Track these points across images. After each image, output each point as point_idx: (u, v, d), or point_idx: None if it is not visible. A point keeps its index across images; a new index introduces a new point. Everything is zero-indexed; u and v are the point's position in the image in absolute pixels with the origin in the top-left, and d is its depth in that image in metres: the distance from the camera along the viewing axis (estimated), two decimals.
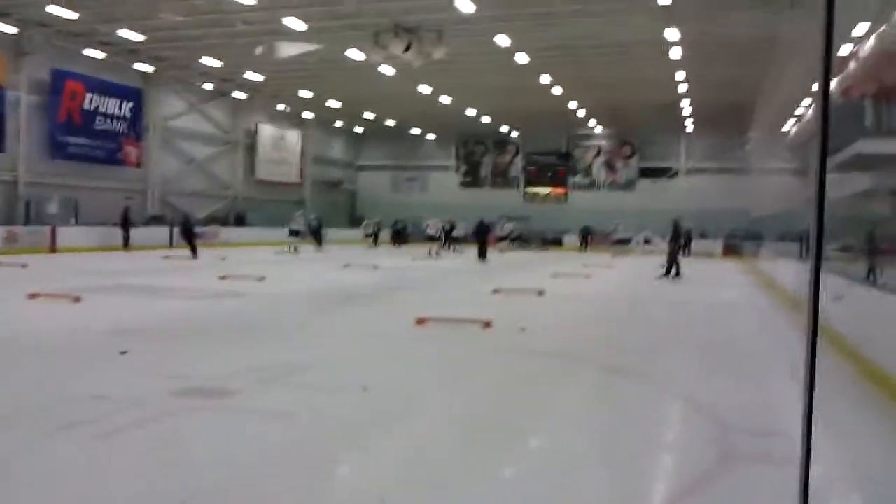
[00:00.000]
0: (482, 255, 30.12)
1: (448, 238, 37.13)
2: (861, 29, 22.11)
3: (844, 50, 24.53)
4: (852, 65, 24.62)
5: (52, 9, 24.01)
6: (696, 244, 41.24)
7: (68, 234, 27.46)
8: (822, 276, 2.88)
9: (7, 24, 26.08)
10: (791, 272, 15.91)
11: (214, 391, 6.81)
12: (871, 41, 22.06)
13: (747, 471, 5.24)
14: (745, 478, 5.09)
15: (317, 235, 36.18)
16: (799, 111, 35.74)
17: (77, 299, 12.66)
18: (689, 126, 44.59)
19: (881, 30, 20.85)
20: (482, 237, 30.90)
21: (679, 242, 23.55)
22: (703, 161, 46.17)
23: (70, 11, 24.28)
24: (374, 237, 41.31)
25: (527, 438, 5.93)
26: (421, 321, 11.11)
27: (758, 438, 5.97)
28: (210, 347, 9.21)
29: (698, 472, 5.12)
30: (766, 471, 5.28)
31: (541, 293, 16.09)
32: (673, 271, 22.17)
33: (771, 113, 32.85)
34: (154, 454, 5.13)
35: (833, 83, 25.87)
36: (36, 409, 6.07)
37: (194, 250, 25.89)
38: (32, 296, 12.94)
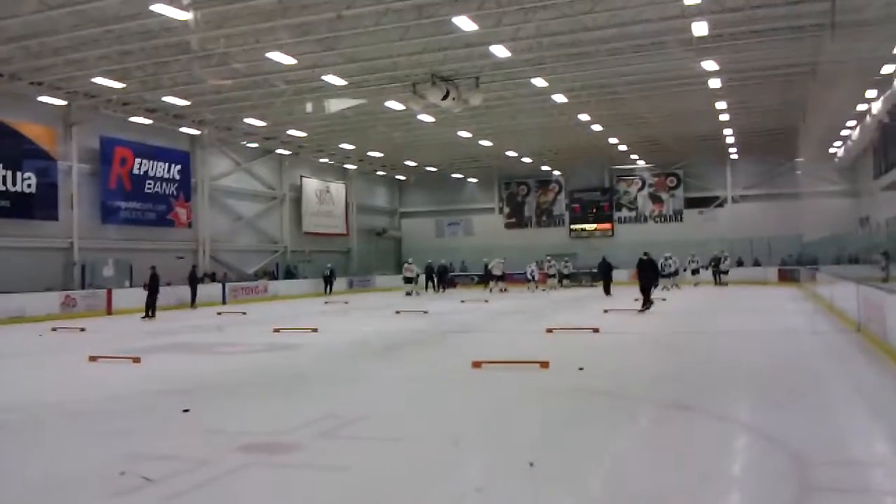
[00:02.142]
0: (608, 290, 31.67)
1: (569, 276, 40.54)
2: None
3: (887, 69, 24.26)
4: None
5: (99, 80, 24.80)
6: (750, 271, 40.73)
7: (124, 296, 27.96)
8: None
9: (56, 97, 26.96)
10: (852, 296, 15.54)
11: (277, 446, 6.83)
12: None
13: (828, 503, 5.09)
14: None
15: (328, 283, 39.26)
16: (845, 132, 35.31)
17: (136, 360, 12.85)
18: (734, 154, 44.17)
19: None
20: (607, 275, 32.61)
21: (651, 275, 22.37)
22: (751, 188, 45.60)
23: (116, 81, 25.05)
24: (418, 281, 39.23)
25: (591, 481, 5.82)
26: (477, 364, 11.05)
27: (835, 468, 5.79)
28: (270, 402, 9.24)
29: None
30: (847, 501, 5.12)
31: (596, 330, 15.92)
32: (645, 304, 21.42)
33: (816, 136, 32.45)
34: None
35: (879, 103, 25.58)
36: (101, 473, 6.12)
37: (151, 308, 24.49)
38: (93, 358, 13.18)
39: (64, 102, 27.60)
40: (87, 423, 8.29)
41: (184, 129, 32.97)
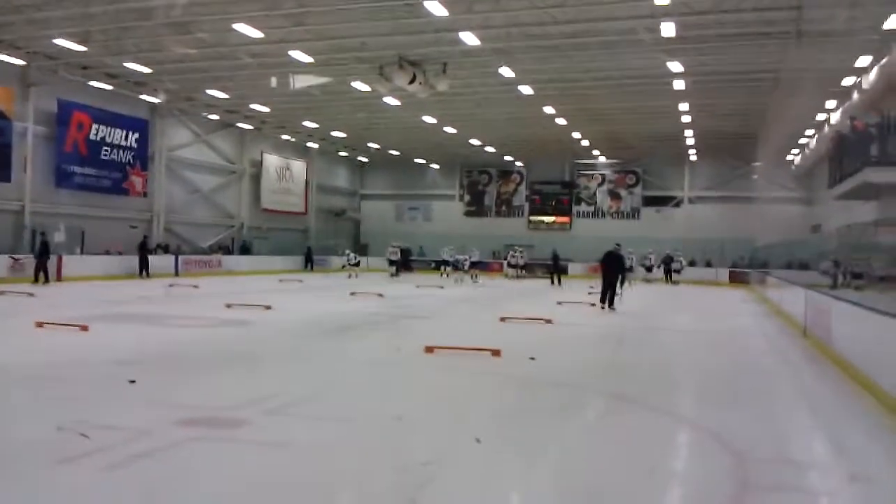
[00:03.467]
0: (558, 281, 33.21)
1: (524, 267, 40.87)
2: (864, 61, 22.29)
3: (847, 81, 24.71)
4: (856, 95, 24.75)
5: (60, 41, 24.22)
6: (701, 272, 41.39)
7: (74, 263, 27.48)
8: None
9: (15, 56, 26.30)
10: (799, 300, 15.84)
11: (222, 422, 6.77)
12: (875, 73, 22.22)
13: (766, 501, 5.18)
14: None
15: (309, 260, 41.07)
16: (803, 141, 35.92)
17: (84, 328, 12.62)
18: (693, 155, 44.70)
19: (884, 62, 21.00)
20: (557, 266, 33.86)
21: (616, 270, 20.34)
22: (708, 190, 46.24)
23: (77, 44, 24.49)
24: (395, 266, 39.18)
25: (535, 469, 5.86)
26: (429, 349, 11.07)
27: (774, 467, 5.91)
28: (218, 377, 9.16)
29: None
30: (785, 500, 5.23)
31: (548, 321, 16.03)
32: (607, 301, 19.80)
33: (775, 142, 32.95)
34: (161, 486, 5.08)
35: (837, 114, 26.08)
36: (42, 441, 6.02)
37: (45, 276, 24.89)
38: (39, 324, 12.92)
39: (23, 62, 26.97)
40: (29, 389, 8.15)
41: (144, 97, 32.38)
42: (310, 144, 46.65)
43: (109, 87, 30.42)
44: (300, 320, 15.99)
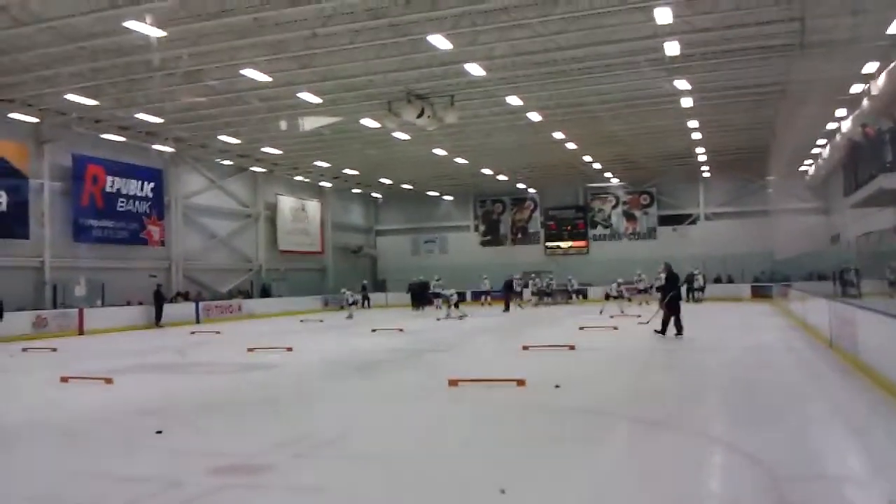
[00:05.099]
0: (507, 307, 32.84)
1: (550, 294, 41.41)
2: (871, 67, 22.22)
3: (856, 88, 24.64)
4: (865, 102, 24.66)
5: (71, 97, 24.55)
6: (723, 288, 41.07)
7: (96, 316, 27.65)
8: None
9: (28, 114, 26.66)
10: (823, 312, 15.67)
11: (251, 468, 6.75)
12: (883, 78, 22.15)
13: None
14: None
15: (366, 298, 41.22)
16: (815, 151, 35.78)
17: (109, 381, 12.67)
18: (706, 172, 44.57)
19: (892, 66, 20.93)
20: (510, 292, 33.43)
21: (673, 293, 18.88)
22: (723, 206, 46.04)
23: (88, 98, 24.81)
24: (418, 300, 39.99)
25: (568, 500, 5.79)
26: (453, 382, 11.01)
27: (809, 485, 5.82)
28: (244, 422, 9.15)
29: None
30: None
31: (571, 347, 15.93)
32: (672, 327, 18.35)
33: (787, 154, 32.83)
34: None
35: (848, 122, 25.88)
36: (72, 496, 6.02)
37: None
38: (64, 379, 12.98)
39: (36, 119, 27.29)
40: (58, 444, 8.17)
41: (157, 147, 32.69)
42: (323, 184, 46.90)
43: (122, 139, 30.73)
44: (323, 360, 15.98)
